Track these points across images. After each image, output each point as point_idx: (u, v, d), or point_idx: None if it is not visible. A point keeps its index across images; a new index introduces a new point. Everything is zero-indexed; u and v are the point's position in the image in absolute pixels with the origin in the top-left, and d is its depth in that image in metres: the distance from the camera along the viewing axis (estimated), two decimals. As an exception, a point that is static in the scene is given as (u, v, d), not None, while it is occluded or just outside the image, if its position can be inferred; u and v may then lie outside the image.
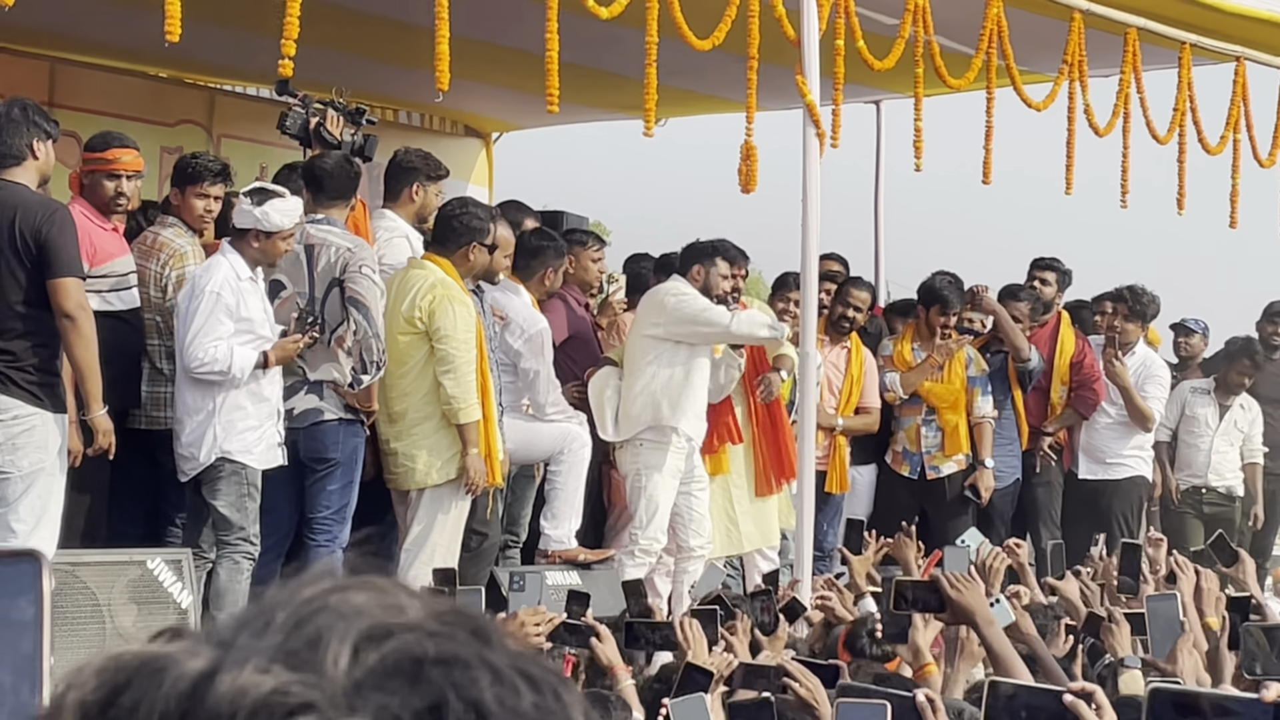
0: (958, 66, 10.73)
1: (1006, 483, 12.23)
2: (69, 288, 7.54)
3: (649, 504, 10.25)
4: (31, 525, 7.52)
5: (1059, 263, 13.02)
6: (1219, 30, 11.97)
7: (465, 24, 9.03)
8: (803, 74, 9.61)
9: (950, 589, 5.55)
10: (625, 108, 14.77)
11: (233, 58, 12.97)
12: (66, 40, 12.55)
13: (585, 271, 11.11)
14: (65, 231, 7.58)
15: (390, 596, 1.27)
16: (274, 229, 8.40)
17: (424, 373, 8.99)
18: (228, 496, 8.41)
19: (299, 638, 1.23)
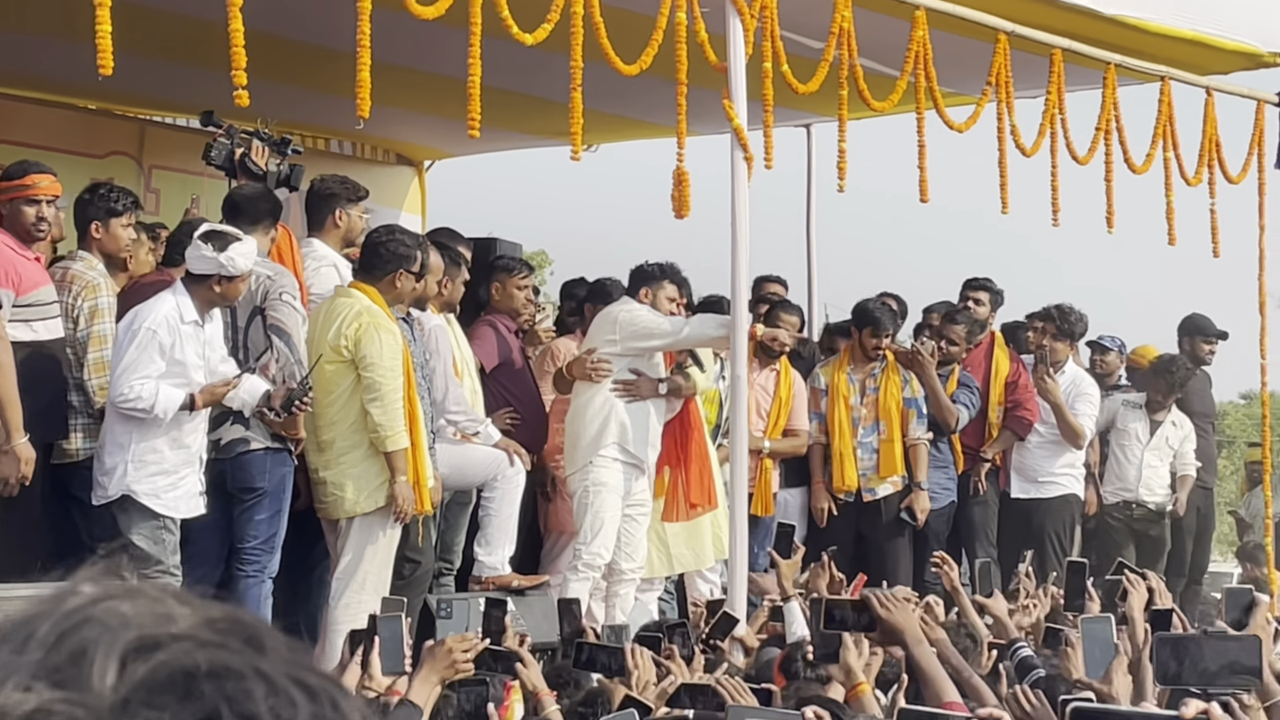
0: (882, 89, 10.77)
1: (942, 504, 12.27)
2: None
3: (595, 520, 10.30)
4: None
5: (991, 283, 13.08)
6: (1143, 50, 12.04)
7: (395, 51, 9.04)
8: (729, 98, 9.62)
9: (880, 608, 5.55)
10: (557, 133, 14.76)
11: (163, 89, 12.94)
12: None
13: (512, 299, 11.12)
14: None
15: (160, 605, 1.23)
16: (238, 273, 8.37)
17: (351, 401, 8.97)
18: (141, 531, 8.36)
19: (62, 652, 1.18)
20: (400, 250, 9.23)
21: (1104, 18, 11.55)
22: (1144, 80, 12.37)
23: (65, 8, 10.60)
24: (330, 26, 10.47)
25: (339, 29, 10.40)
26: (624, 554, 10.49)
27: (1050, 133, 11.54)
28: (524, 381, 10.94)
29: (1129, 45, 11.92)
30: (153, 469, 8.37)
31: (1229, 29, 12.45)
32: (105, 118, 13.87)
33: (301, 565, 9.38)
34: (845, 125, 10.58)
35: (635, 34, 9.38)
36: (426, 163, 15.96)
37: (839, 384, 12.08)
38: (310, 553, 9.40)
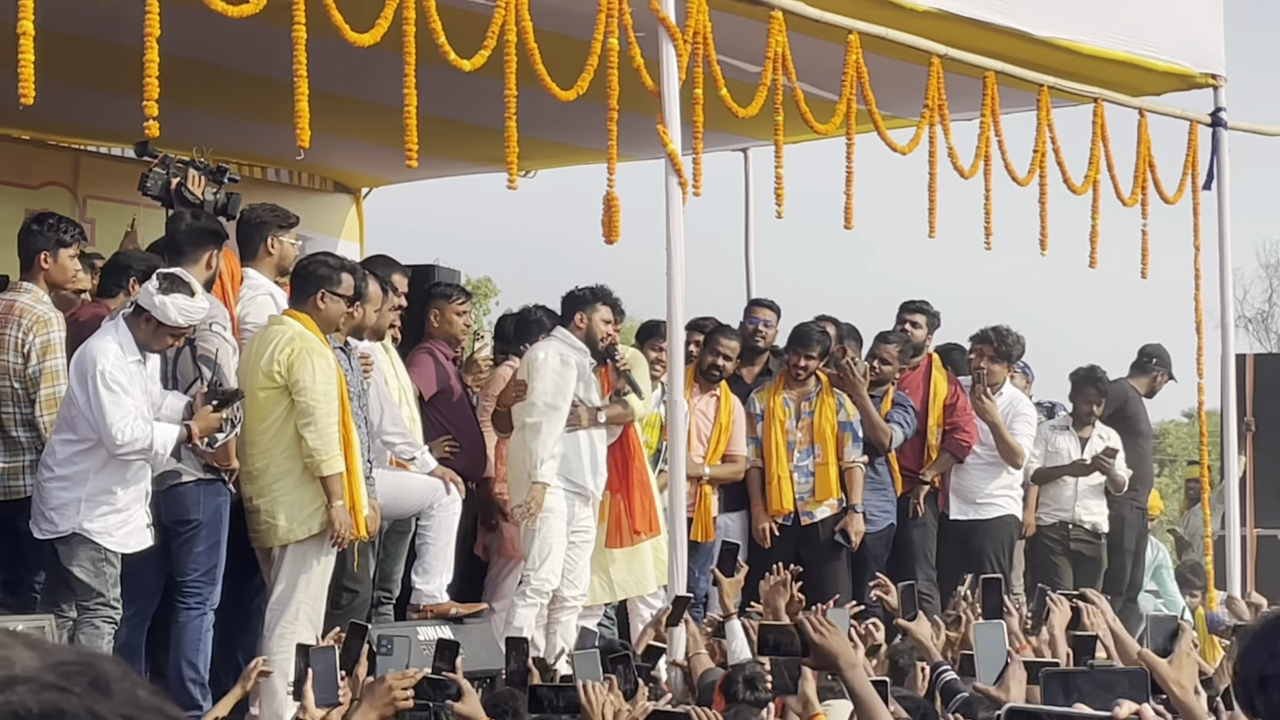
0: (821, 112, 10.80)
1: (881, 526, 12.28)
2: None
3: (542, 545, 10.31)
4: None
5: (928, 305, 13.11)
6: (1077, 72, 12.13)
7: (331, 79, 9.03)
8: (664, 123, 9.64)
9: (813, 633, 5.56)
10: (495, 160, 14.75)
11: (96, 118, 12.89)
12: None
13: (450, 325, 11.09)
14: None
15: (2, 649, 1.22)
16: (167, 322, 8.28)
17: (284, 428, 8.92)
18: (83, 565, 8.31)
19: None
20: (321, 271, 9.19)
21: (1036, 40, 11.64)
22: (1077, 102, 12.45)
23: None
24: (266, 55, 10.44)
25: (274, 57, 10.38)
26: (567, 581, 10.49)
27: (986, 155, 11.60)
28: (462, 409, 10.92)
29: (1062, 67, 12.00)
30: (105, 508, 8.33)
31: (1161, 50, 12.56)
32: (39, 148, 13.82)
33: (239, 596, 9.33)
34: (781, 150, 10.60)
35: (571, 60, 9.39)
36: (364, 190, 15.93)
37: (774, 408, 12.09)
38: (248, 583, 9.35)
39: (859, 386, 12.07)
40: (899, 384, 12.62)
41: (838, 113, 10.86)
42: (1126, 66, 12.32)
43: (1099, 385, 13.62)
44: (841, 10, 10.56)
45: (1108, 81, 12.41)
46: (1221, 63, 13.08)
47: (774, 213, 10.79)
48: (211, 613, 8.90)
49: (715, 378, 11.80)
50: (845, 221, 10.98)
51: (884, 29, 10.72)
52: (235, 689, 7.01)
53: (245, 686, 7.25)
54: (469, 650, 9.31)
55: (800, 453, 12.06)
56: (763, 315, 12.72)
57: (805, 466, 12.06)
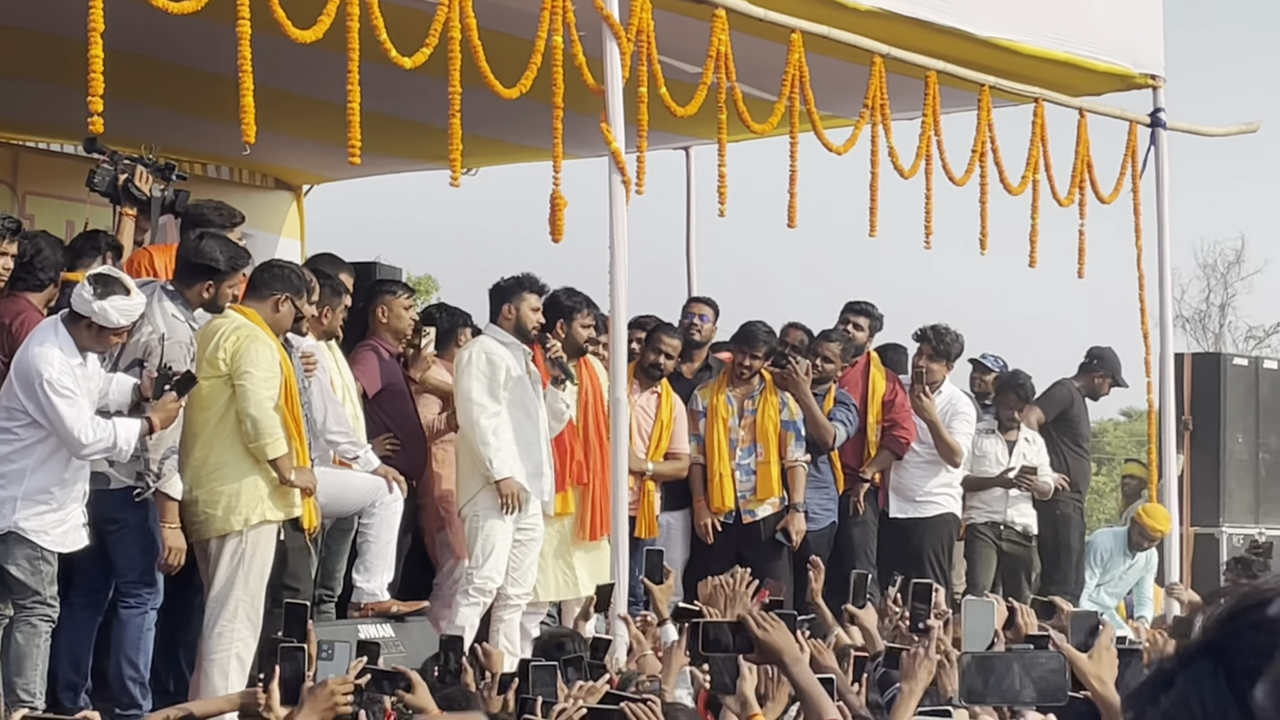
0: (761, 112, 10.83)
1: (823, 525, 12.31)
2: None
3: (485, 544, 10.30)
4: None
5: (872, 307, 13.13)
6: (1017, 73, 12.19)
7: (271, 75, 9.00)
8: (607, 121, 9.65)
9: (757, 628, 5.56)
10: (436, 158, 14.75)
11: (38, 113, 12.83)
12: None
13: (399, 320, 11.05)
14: None
15: None
16: (108, 325, 8.23)
17: (225, 418, 8.87)
18: (19, 563, 8.26)
19: None
20: (293, 279, 9.19)
21: (978, 40, 11.69)
22: (1018, 102, 12.51)
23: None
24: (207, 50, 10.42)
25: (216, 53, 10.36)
26: (511, 579, 10.48)
27: (926, 155, 11.64)
28: (405, 407, 10.89)
29: (1003, 67, 12.06)
30: (41, 507, 8.29)
31: (1101, 50, 12.63)
32: (-24, 143, 13.73)
33: (180, 594, 9.30)
34: (725, 148, 10.63)
35: (514, 58, 9.39)
36: (305, 187, 15.88)
37: (717, 405, 12.10)
38: (189, 582, 9.30)
39: (802, 385, 12.09)
40: (839, 382, 12.65)
41: (776, 112, 10.89)
42: (1067, 67, 12.39)
43: (1020, 391, 13.65)
44: (784, 9, 10.59)
45: (1048, 81, 12.48)
46: (1161, 63, 13.16)
47: (716, 211, 10.83)
48: (153, 612, 8.86)
49: (656, 375, 11.80)
50: (789, 220, 11.01)
51: (827, 28, 10.75)
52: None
53: None
54: (409, 648, 9.33)
55: (742, 451, 12.08)
56: (699, 310, 12.77)
57: (747, 465, 12.07)
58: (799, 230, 11.19)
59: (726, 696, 6.03)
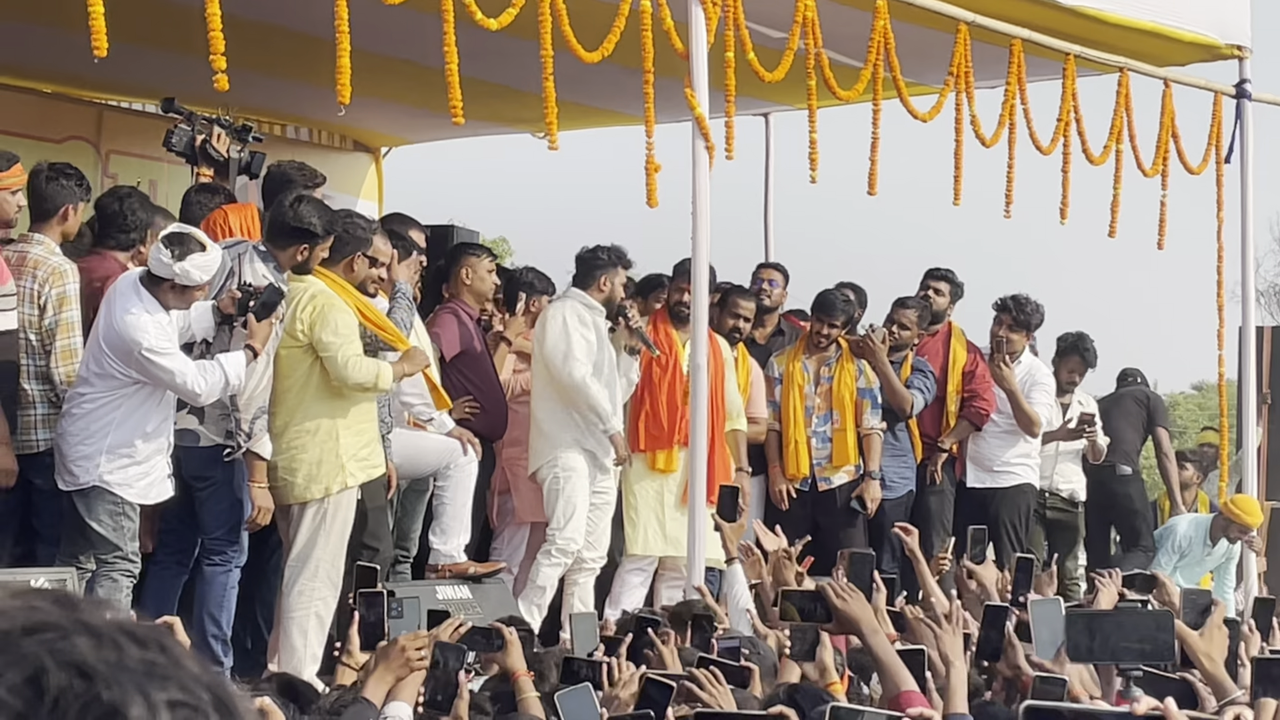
0: (846, 78, 10.78)
1: (900, 493, 12.30)
2: None
3: (567, 505, 10.37)
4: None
5: (953, 274, 13.08)
6: (1102, 41, 12.09)
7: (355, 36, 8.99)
8: (691, 87, 9.62)
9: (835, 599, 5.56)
10: (516, 120, 14.77)
11: (121, 73, 12.86)
12: (-51, 56, 12.43)
13: (482, 283, 11.06)
14: None
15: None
16: (191, 284, 8.27)
17: (306, 386, 8.89)
18: (100, 518, 8.31)
19: None
20: (357, 234, 9.18)
21: (1064, 8, 11.60)
22: (1103, 71, 12.42)
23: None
24: (291, 9, 10.44)
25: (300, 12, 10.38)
26: (587, 544, 10.53)
27: (1010, 123, 11.58)
28: (484, 369, 10.90)
29: (1088, 36, 11.97)
30: (125, 460, 8.32)
31: (1187, 21, 12.51)
32: (63, 102, 13.78)
33: (257, 553, 9.34)
34: (815, 114, 10.60)
35: (596, 21, 9.37)
36: (384, 149, 15.92)
37: (794, 372, 12.10)
38: (267, 539, 9.35)
39: (879, 354, 12.06)
40: (918, 350, 12.61)
41: (862, 79, 10.84)
42: (1152, 36, 12.28)
43: (1084, 355, 13.61)
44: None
45: (1133, 51, 12.38)
46: (1247, 34, 13.03)
47: (796, 177, 10.82)
48: (236, 570, 8.90)
49: (734, 340, 11.77)
50: (869, 187, 10.97)
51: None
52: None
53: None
54: (486, 610, 9.35)
55: (818, 418, 12.07)
56: (769, 276, 12.77)
57: (823, 432, 12.07)
58: (878, 197, 11.15)
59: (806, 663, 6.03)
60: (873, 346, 12.07)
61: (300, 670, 8.34)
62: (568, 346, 10.45)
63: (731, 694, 5.68)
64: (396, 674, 5.79)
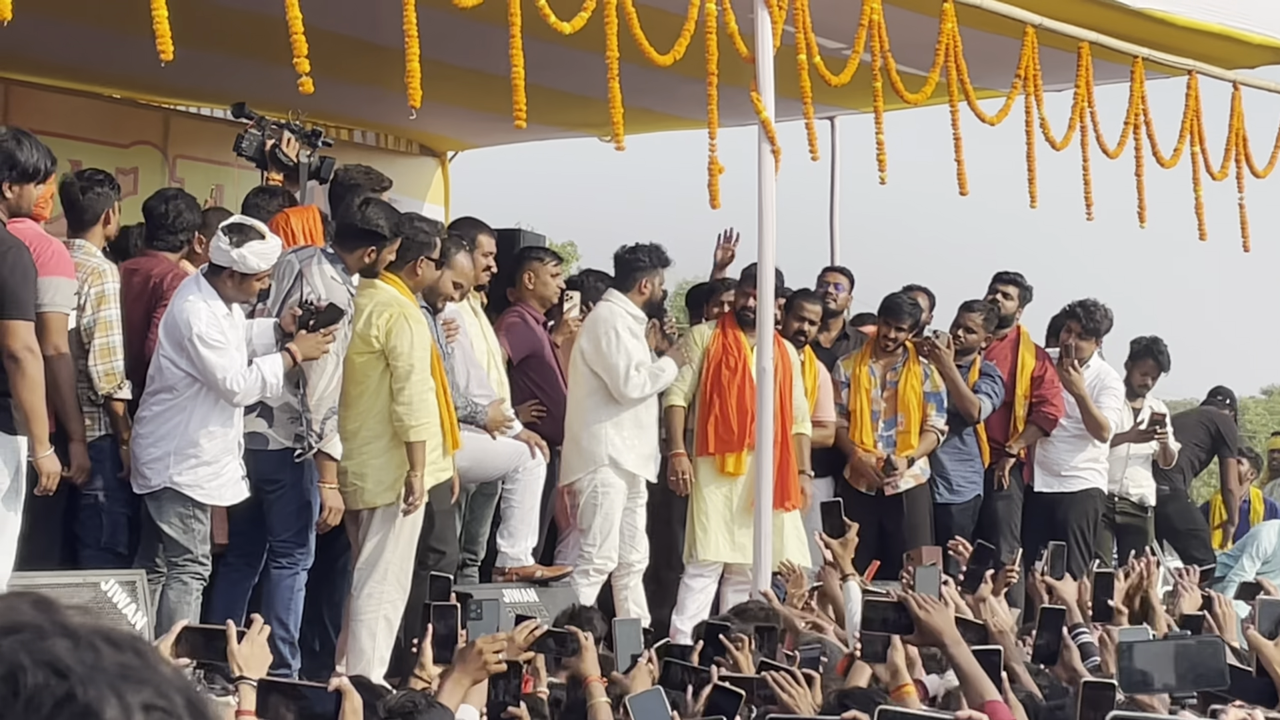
0: (914, 82, 10.76)
1: (967, 498, 12.27)
2: (16, 329, 7.40)
3: (604, 522, 10.35)
4: (-15, 548, 7.45)
5: (1021, 278, 13.01)
6: (1171, 44, 12.03)
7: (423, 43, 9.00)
8: (757, 90, 9.61)
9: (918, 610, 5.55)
10: (580, 125, 14.80)
11: (189, 78, 12.93)
12: (20, 61, 12.50)
13: (545, 287, 11.08)
14: (18, 271, 7.43)
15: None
16: (250, 272, 8.32)
17: (378, 393, 8.90)
18: (171, 520, 8.36)
19: None
20: (420, 238, 9.18)
21: (1131, 11, 11.54)
22: (1171, 74, 12.36)
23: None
24: (357, 16, 10.48)
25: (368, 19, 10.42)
26: (629, 546, 10.53)
27: (1080, 126, 11.53)
28: (550, 373, 10.90)
29: (1156, 39, 11.91)
30: (193, 461, 8.37)
31: (1256, 23, 12.43)
32: (130, 107, 13.87)
33: (325, 555, 9.36)
34: (881, 118, 10.58)
35: (662, 26, 9.37)
36: (450, 153, 15.96)
37: (860, 376, 12.07)
38: (334, 542, 9.38)
39: (945, 358, 12.02)
40: (986, 354, 12.57)
41: (930, 82, 10.82)
42: (1221, 39, 12.20)
43: (1158, 359, 13.53)
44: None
45: (1202, 54, 12.31)
46: (1317, 37, 12.95)
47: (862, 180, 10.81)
48: (304, 573, 8.92)
49: (801, 343, 11.71)
50: (960, 188, 10.96)
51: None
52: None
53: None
54: (553, 613, 9.33)
55: (884, 422, 12.04)
56: (834, 279, 12.75)
57: (889, 436, 12.03)
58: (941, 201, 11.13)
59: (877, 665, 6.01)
60: (938, 351, 12.03)
61: (368, 673, 8.36)
62: (628, 361, 10.42)
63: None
64: (474, 677, 5.80)
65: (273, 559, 8.86)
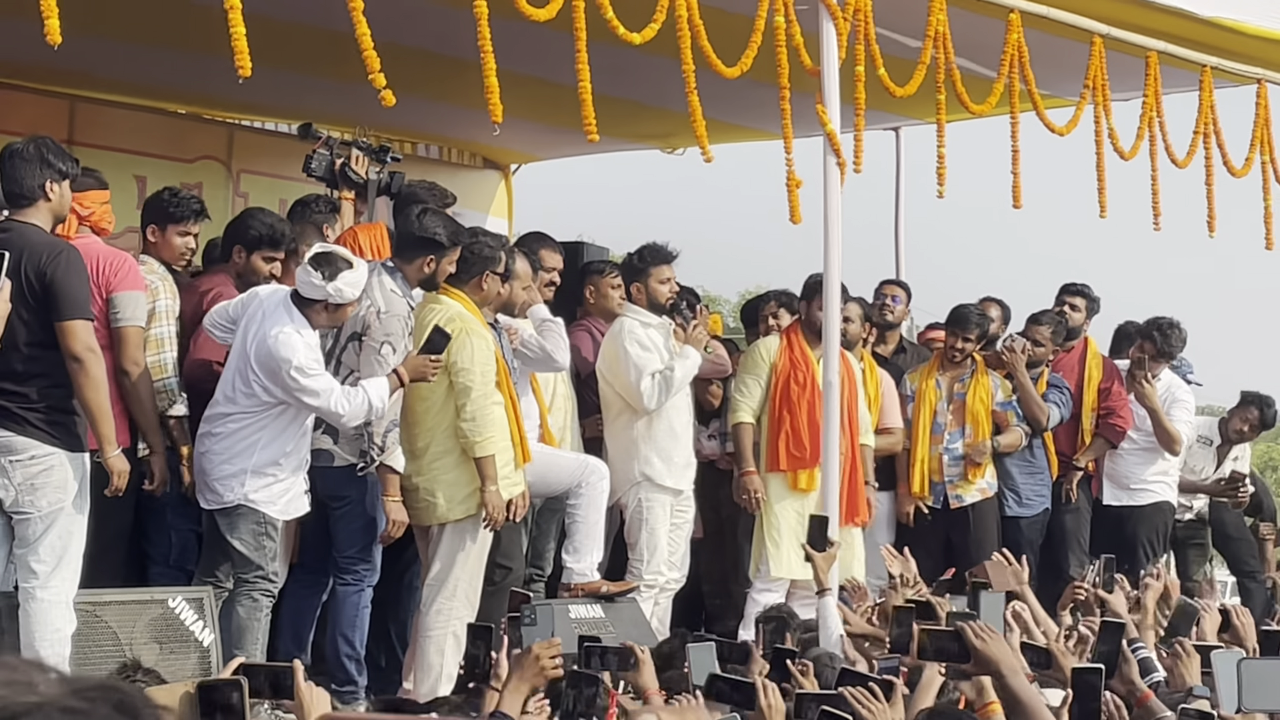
0: (979, 91, 10.69)
1: (1036, 511, 12.20)
2: (76, 330, 7.45)
3: (651, 537, 10.37)
4: (52, 566, 7.46)
5: (1088, 289, 12.94)
6: (1240, 52, 11.92)
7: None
8: (823, 102, 9.56)
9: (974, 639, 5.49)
10: (643, 137, 14.76)
11: (252, 93, 12.95)
12: (85, 78, 12.55)
13: (606, 300, 11.07)
14: (72, 273, 7.49)
15: (19, 673, 1.21)
16: (344, 302, 8.35)
17: (445, 408, 8.90)
18: (243, 536, 8.37)
19: None
20: (485, 253, 9.18)
21: (1199, 19, 11.44)
22: (1240, 82, 12.26)
23: (160, 15, 10.65)
24: (421, 28, 10.46)
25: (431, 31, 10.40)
26: (670, 563, 10.52)
27: (1149, 136, 11.45)
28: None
29: (1225, 47, 11.81)
30: (269, 479, 8.40)
31: (1326, 31, 12.31)
32: (194, 122, 13.92)
33: (392, 571, 9.36)
34: (944, 129, 10.52)
35: (728, 36, 9.33)
36: (513, 166, 15.94)
37: (926, 390, 12.00)
38: (400, 558, 9.38)
39: (1018, 366, 11.95)
40: (1053, 367, 12.48)
41: (994, 92, 10.74)
42: (1291, 47, 12.10)
43: (1265, 413, 13.44)
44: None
45: (1271, 62, 12.21)
46: (1387, 44, 12.81)
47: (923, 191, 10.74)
48: (369, 590, 8.92)
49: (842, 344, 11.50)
50: (1014, 200, 10.88)
51: (1046, 8, 10.58)
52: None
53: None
54: (620, 629, 9.31)
55: (950, 435, 11.96)
56: (892, 292, 12.70)
57: (955, 449, 11.95)
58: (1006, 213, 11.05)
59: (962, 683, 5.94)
60: (1012, 359, 11.96)
61: (435, 689, 8.35)
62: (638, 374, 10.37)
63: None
64: (532, 684, 5.78)
65: (338, 575, 8.86)
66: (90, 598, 7.82)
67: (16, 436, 7.45)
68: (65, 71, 12.00)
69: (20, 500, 7.44)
